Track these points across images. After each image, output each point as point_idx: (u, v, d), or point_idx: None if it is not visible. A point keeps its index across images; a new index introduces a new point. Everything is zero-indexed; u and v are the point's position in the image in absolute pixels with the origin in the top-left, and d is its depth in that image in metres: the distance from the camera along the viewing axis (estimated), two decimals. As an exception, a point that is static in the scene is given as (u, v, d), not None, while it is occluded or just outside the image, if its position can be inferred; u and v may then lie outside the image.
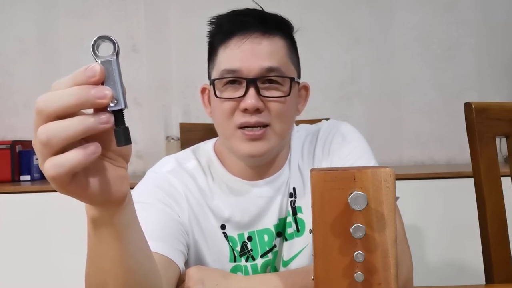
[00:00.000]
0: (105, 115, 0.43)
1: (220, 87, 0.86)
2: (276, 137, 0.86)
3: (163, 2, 2.33)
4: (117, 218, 0.51)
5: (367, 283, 0.50)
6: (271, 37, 0.86)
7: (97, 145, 0.43)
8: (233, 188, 0.92)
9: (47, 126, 0.42)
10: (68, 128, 0.42)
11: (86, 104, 0.42)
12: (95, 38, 0.45)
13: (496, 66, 2.25)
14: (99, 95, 0.42)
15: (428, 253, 1.72)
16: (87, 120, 0.42)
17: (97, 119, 0.42)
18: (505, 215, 0.97)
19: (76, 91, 0.42)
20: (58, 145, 0.42)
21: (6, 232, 1.77)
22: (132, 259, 0.56)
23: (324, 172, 0.50)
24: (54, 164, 0.42)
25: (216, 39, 0.88)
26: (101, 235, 0.53)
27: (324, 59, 2.26)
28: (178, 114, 2.30)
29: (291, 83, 0.86)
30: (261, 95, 0.84)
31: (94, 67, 0.43)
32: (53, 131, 0.42)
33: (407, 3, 2.28)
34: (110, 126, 0.43)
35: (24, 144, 2.14)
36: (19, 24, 2.33)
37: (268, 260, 0.91)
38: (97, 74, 0.43)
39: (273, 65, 0.84)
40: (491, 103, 1.01)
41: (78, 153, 0.42)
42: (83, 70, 0.43)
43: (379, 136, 2.23)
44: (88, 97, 0.42)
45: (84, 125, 0.42)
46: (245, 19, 0.86)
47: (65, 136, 0.42)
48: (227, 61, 0.85)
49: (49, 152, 0.42)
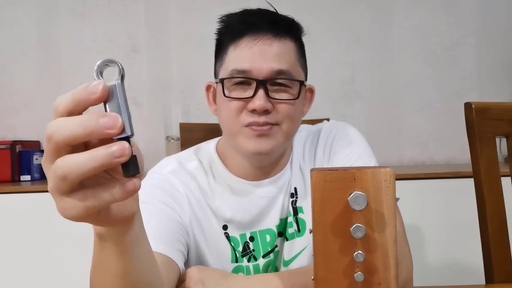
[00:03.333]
0: (117, 147, 0.40)
1: (229, 86, 0.86)
2: (283, 136, 0.86)
3: (163, 2, 2.33)
4: (123, 236, 0.51)
5: (367, 283, 0.50)
6: (282, 40, 0.85)
7: (134, 183, 0.42)
8: (235, 188, 0.92)
9: (62, 161, 0.41)
10: (83, 165, 0.40)
11: (93, 134, 0.40)
12: (98, 63, 0.42)
13: (496, 66, 2.25)
14: (108, 125, 0.40)
15: (428, 253, 1.72)
16: (100, 156, 0.40)
17: (110, 154, 0.40)
18: (505, 215, 0.97)
19: (83, 120, 0.40)
20: (76, 180, 0.41)
21: (6, 232, 1.77)
22: (136, 272, 0.55)
23: (324, 172, 0.50)
24: (97, 199, 0.42)
25: (226, 38, 0.88)
26: (107, 250, 0.52)
27: (324, 59, 2.27)
28: (178, 114, 2.31)
29: (300, 86, 0.86)
30: (270, 97, 0.83)
31: (97, 84, 0.41)
32: (68, 168, 0.40)
33: (407, 3, 2.28)
34: (126, 158, 0.40)
35: (24, 144, 2.15)
36: (19, 24, 2.33)
37: (270, 260, 0.91)
38: (99, 91, 0.40)
39: (283, 68, 0.84)
40: (491, 103, 1.01)
41: (119, 190, 0.42)
42: (84, 86, 0.41)
43: (379, 136, 2.23)
44: (97, 127, 0.40)
45: (97, 162, 0.40)
46: (257, 19, 0.86)
47: (80, 173, 0.40)
48: (237, 61, 0.85)
49: (67, 186, 0.41)
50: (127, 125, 0.41)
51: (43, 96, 2.31)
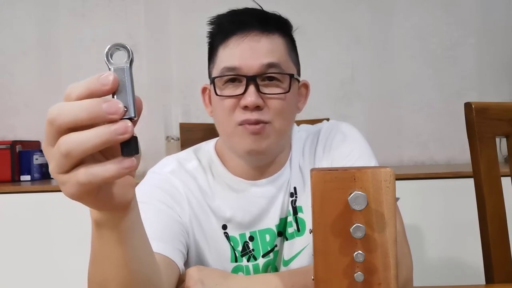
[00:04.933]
0: (120, 125, 0.41)
1: (220, 85, 0.86)
2: (276, 134, 0.86)
3: (163, 2, 2.33)
4: (120, 222, 0.51)
5: (367, 283, 0.50)
6: (270, 35, 0.86)
7: (132, 160, 0.43)
8: (235, 188, 0.92)
9: (66, 138, 0.42)
10: (86, 142, 0.41)
11: (97, 119, 0.41)
12: (109, 46, 0.45)
13: (496, 66, 2.25)
14: (111, 110, 0.41)
15: (428, 253, 1.72)
16: (104, 133, 0.41)
17: (113, 131, 0.41)
18: (505, 215, 0.97)
19: (87, 105, 0.41)
20: (78, 157, 0.42)
21: (6, 232, 1.77)
22: (134, 262, 0.56)
23: (324, 172, 0.50)
24: (90, 173, 0.43)
25: (216, 39, 0.89)
26: (104, 237, 0.53)
27: (324, 59, 2.27)
28: (178, 114, 2.31)
29: (290, 80, 0.87)
30: (261, 92, 0.84)
31: (108, 76, 0.42)
32: (71, 144, 0.42)
33: (407, 3, 2.28)
34: (129, 136, 0.42)
35: (24, 144, 2.15)
36: (19, 24, 2.33)
37: (269, 260, 0.91)
38: (110, 83, 0.42)
39: (273, 61, 0.85)
40: (491, 103, 1.01)
41: (114, 166, 0.43)
42: (96, 77, 0.43)
43: (379, 136, 2.23)
44: (100, 113, 0.41)
45: (101, 139, 0.41)
46: (244, 18, 0.87)
47: (84, 150, 0.42)
48: (227, 59, 0.85)
49: (69, 163, 0.43)
50: (132, 107, 0.43)
51: (43, 96, 2.31)
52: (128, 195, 0.50)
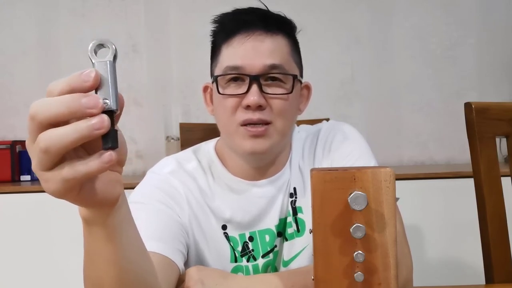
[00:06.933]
0: (96, 120, 0.41)
1: (223, 84, 0.86)
2: (278, 135, 0.86)
3: (163, 2, 2.33)
4: (109, 219, 0.51)
5: (367, 283, 0.50)
6: (274, 36, 0.86)
7: (110, 154, 0.43)
8: (234, 188, 0.92)
9: (45, 135, 0.42)
10: (64, 137, 0.42)
11: (76, 113, 0.42)
12: (93, 41, 0.45)
13: (496, 66, 2.25)
14: (90, 105, 0.41)
15: (428, 253, 1.72)
16: (81, 128, 0.41)
17: (90, 125, 0.41)
18: (505, 215, 0.97)
19: (67, 100, 0.42)
20: (58, 153, 0.42)
21: (6, 232, 1.77)
22: (125, 259, 0.56)
23: (324, 172, 0.50)
24: (74, 169, 0.43)
25: (219, 38, 0.89)
26: (94, 235, 0.53)
27: (324, 59, 2.26)
28: (178, 114, 2.31)
29: (293, 80, 0.87)
30: (264, 92, 0.84)
31: (90, 73, 0.43)
32: (50, 140, 0.42)
33: (407, 3, 2.28)
34: (105, 130, 0.42)
35: (24, 144, 2.14)
36: (19, 24, 2.33)
37: (269, 260, 0.91)
38: (91, 80, 0.43)
39: (276, 62, 0.84)
40: (491, 103, 1.01)
41: (95, 161, 0.43)
42: (78, 74, 0.43)
43: (379, 136, 2.23)
44: (79, 107, 0.41)
45: (78, 134, 0.41)
46: (248, 17, 0.87)
47: (62, 145, 0.42)
48: (230, 59, 0.85)
49: (49, 159, 0.43)
50: (114, 100, 0.43)
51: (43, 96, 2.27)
52: (113, 191, 0.49)
